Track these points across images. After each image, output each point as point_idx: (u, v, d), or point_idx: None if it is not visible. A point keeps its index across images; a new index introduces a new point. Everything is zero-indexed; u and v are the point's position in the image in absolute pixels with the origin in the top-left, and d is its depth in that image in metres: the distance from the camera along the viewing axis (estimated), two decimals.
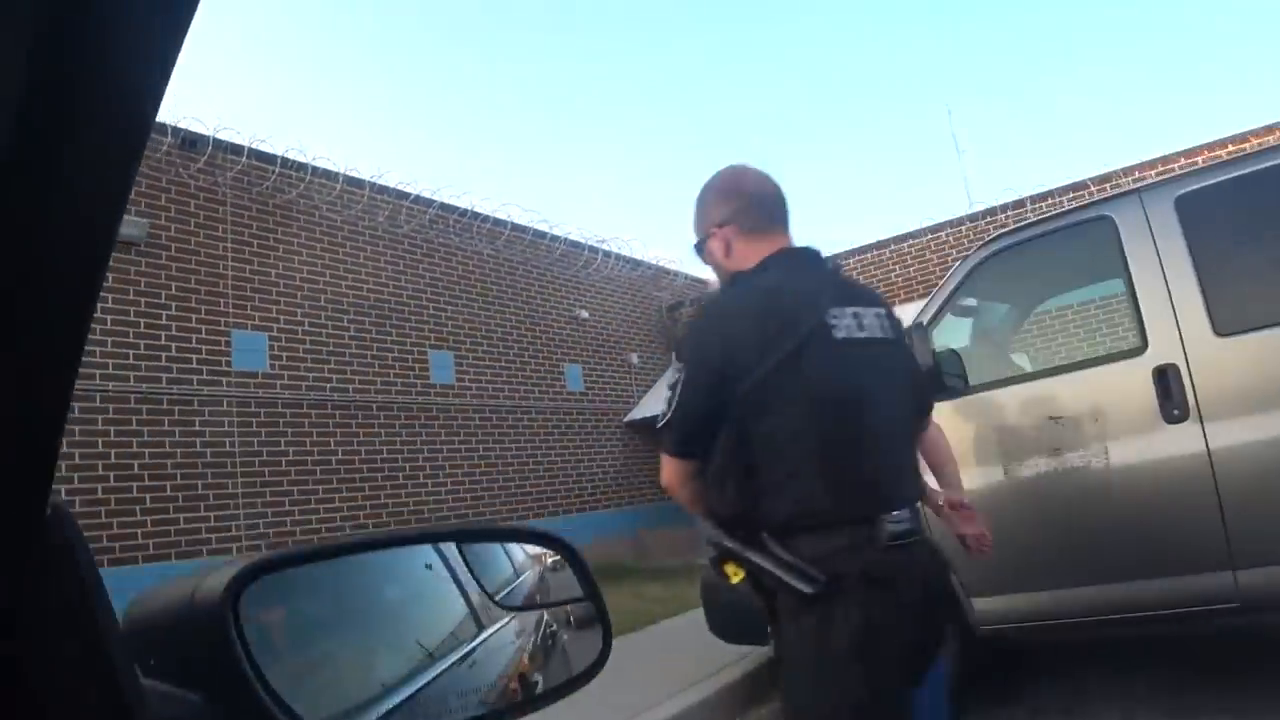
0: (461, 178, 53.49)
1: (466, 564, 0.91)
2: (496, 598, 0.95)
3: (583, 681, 0.95)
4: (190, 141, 8.79)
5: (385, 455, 10.10)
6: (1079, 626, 4.00)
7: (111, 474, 7.65)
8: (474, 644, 0.89)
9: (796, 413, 1.81)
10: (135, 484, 7.79)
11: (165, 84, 0.45)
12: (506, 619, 0.95)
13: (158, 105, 0.45)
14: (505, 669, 0.92)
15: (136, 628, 0.68)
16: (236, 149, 9.18)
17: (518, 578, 1.03)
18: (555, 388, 12.85)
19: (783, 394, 1.80)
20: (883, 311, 2.02)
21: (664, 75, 48.66)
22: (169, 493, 8.00)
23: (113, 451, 7.69)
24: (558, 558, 1.03)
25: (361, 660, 0.81)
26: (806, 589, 1.70)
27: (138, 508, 7.77)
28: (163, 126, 8.50)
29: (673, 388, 1.98)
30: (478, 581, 0.92)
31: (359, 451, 9.81)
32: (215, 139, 8.96)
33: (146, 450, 7.93)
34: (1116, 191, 4.37)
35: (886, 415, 1.93)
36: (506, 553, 1.04)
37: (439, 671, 0.83)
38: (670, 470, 2.04)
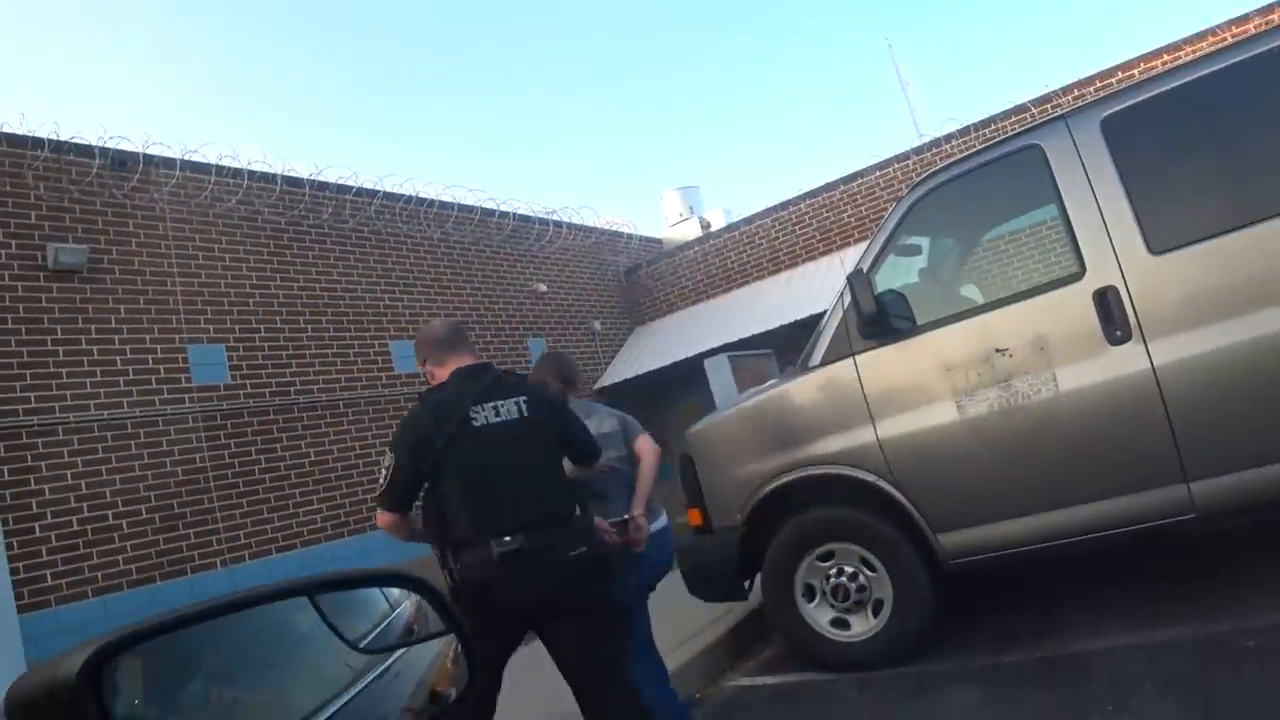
0: (402, 168, 52.91)
1: (323, 617, 0.92)
2: (366, 641, 0.96)
3: (459, 707, 0.97)
4: (120, 161, 8.60)
5: (359, 451, 10.05)
6: (1043, 552, 4.08)
7: (85, 505, 7.57)
8: (353, 686, 0.90)
9: (453, 477, 2.97)
10: (110, 511, 7.72)
11: None
12: (378, 661, 0.96)
13: None
14: (384, 706, 0.93)
15: (15, 713, 0.69)
16: (169, 163, 9.00)
17: (394, 613, 1.03)
18: (521, 363, 12.80)
19: (447, 466, 2.97)
20: (523, 399, 3.14)
21: (596, 36, 48.16)
22: (145, 515, 7.93)
23: (83, 482, 7.61)
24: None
25: (245, 718, 0.82)
26: (451, 584, 2.96)
27: (115, 534, 7.70)
28: (89, 148, 8.34)
29: (385, 469, 3.11)
30: (336, 632, 0.93)
31: (331, 451, 9.76)
32: (146, 155, 8.78)
33: (117, 477, 7.84)
34: (1042, 119, 4.38)
35: (509, 473, 2.99)
36: (382, 592, 1.05)
37: (324, 717, 0.84)
38: (386, 520, 3.19)
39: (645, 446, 3.98)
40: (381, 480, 3.12)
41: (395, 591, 1.05)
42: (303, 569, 8.93)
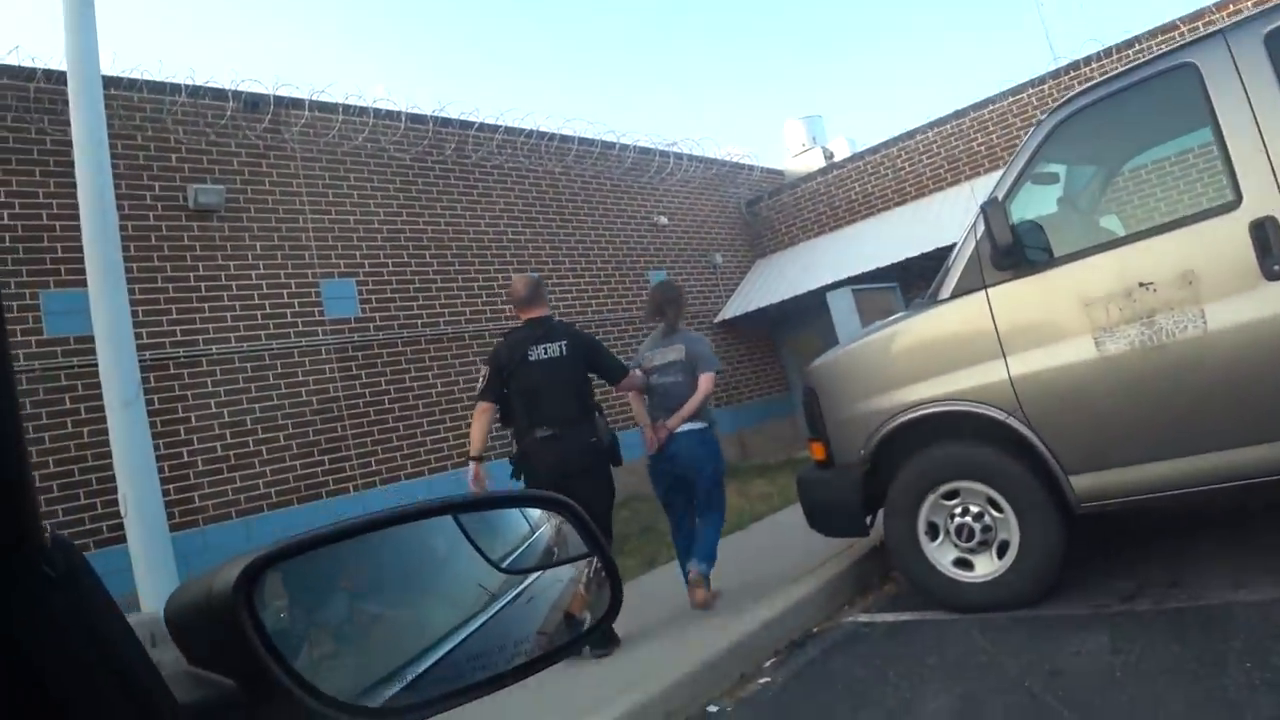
0: (520, 101, 53.14)
1: (467, 535, 0.94)
2: (507, 561, 0.98)
3: (592, 634, 0.98)
4: (252, 103, 8.90)
5: None
6: (1180, 499, 3.90)
7: (228, 432, 8.00)
8: (490, 607, 0.92)
9: (516, 390, 4.80)
10: (250, 438, 8.14)
11: None
12: (513, 584, 0.97)
13: None
14: (519, 629, 0.95)
15: (172, 622, 0.73)
16: (298, 103, 9.26)
17: (534, 535, 1.05)
18: (643, 297, 12.86)
19: (512, 383, 4.82)
20: (565, 342, 4.89)
21: None
22: (282, 443, 8.34)
23: (225, 410, 8.03)
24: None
25: (384, 634, 0.84)
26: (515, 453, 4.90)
27: (255, 460, 8.13)
28: (224, 92, 8.65)
29: (482, 376, 4.98)
30: (480, 550, 0.94)
31: (457, 382, 10.03)
32: (276, 97, 9.05)
33: (256, 405, 8.26)
34: (1200, 35, 4.07)
35: (548, 391, 4.75)
36: (524, 514, 1.07)
37: (461, 637, 0.86)
38: (481, 407, 4.91)
39: (702, 381, 5.20)
40: (480, 383, 5.00)
41: (535, 513, 1.07)
42: (429, 494, 9.26)
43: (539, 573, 1.00)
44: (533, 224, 11.59)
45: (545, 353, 4.81)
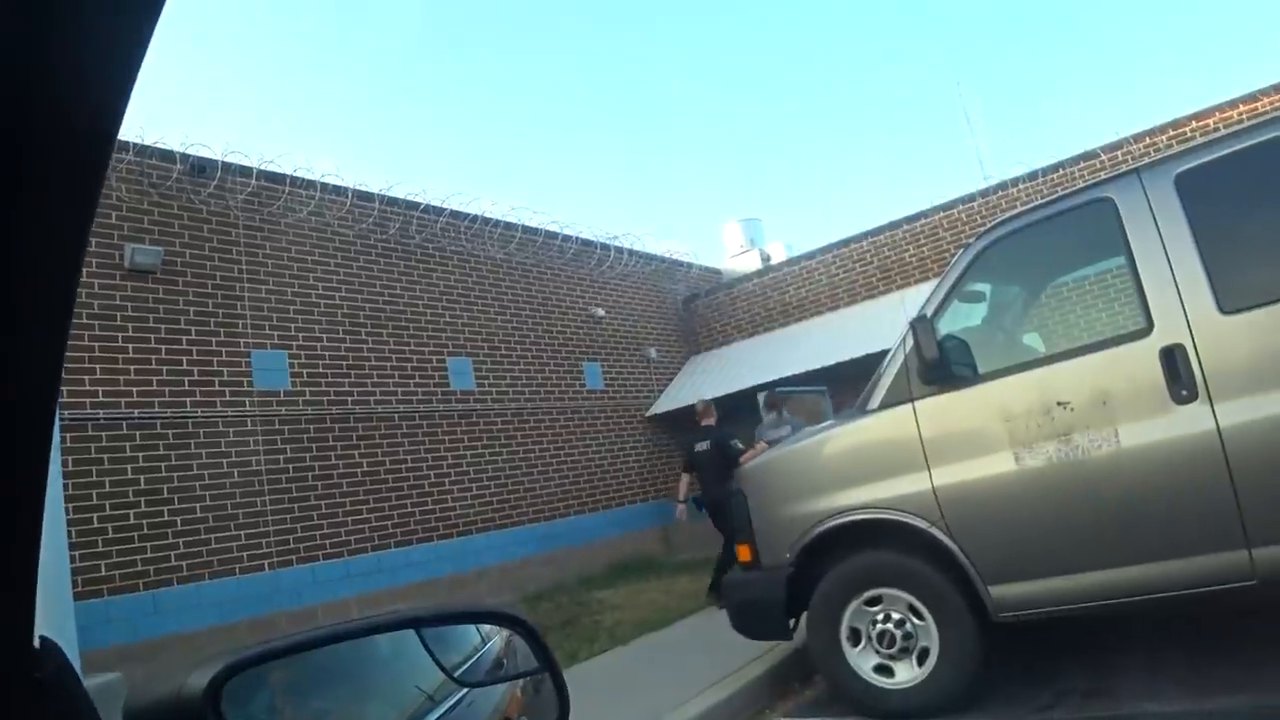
0: (470, 185, 53.65)
1: (425, 646, 0.96)
2: (462, 671, 1.00)
3: None
4: (200, 167, 8.89)
5: (410, 464, 10.19)
6: (1095, 610, 4.01)
7: (142, 499, 7.77)
8: (454, 716, 0.94)
9: (694, 470, 9.04)
10: (166, 508, 7.92)
11: (126, 99, 0.48)
12: (487, 691, 1.00)
13: (119, 120, 0.49)
14: None
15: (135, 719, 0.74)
16: (246, 171, 9.27)
17: (485, 647, 1.07)
18: (575, 387, 12.91)
19: (692, 461, 9.00)
20: (710, 440, 8.64)
21: (663, 71, 48.56)
22: (199, 514, 8.12)
23: (142, 478, 7.82)
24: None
25: None
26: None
27: (169, 531, 7.89)
28: (171, 154, 8.62)
29: (682, 457, 9.67)
30: (437, 661, 0.97)
31: (384, 462, 9.91)
32: (224, 163, 9.06)
33: (175, 474, 8.05)
34: (1120, 170, 4.34)
35: (705, 470, 8.53)
36: (476, 627, 1.09)
37: None
38: (684, 476, 9.34)
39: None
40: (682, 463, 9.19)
41: (487, 626, 1.09)
42: (348, 576, 9.06)
43: (483, 688, 1.03)
44: (471, 308, 11.63)
45: (704, 446, 8.66)
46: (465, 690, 0.97)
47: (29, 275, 0.50)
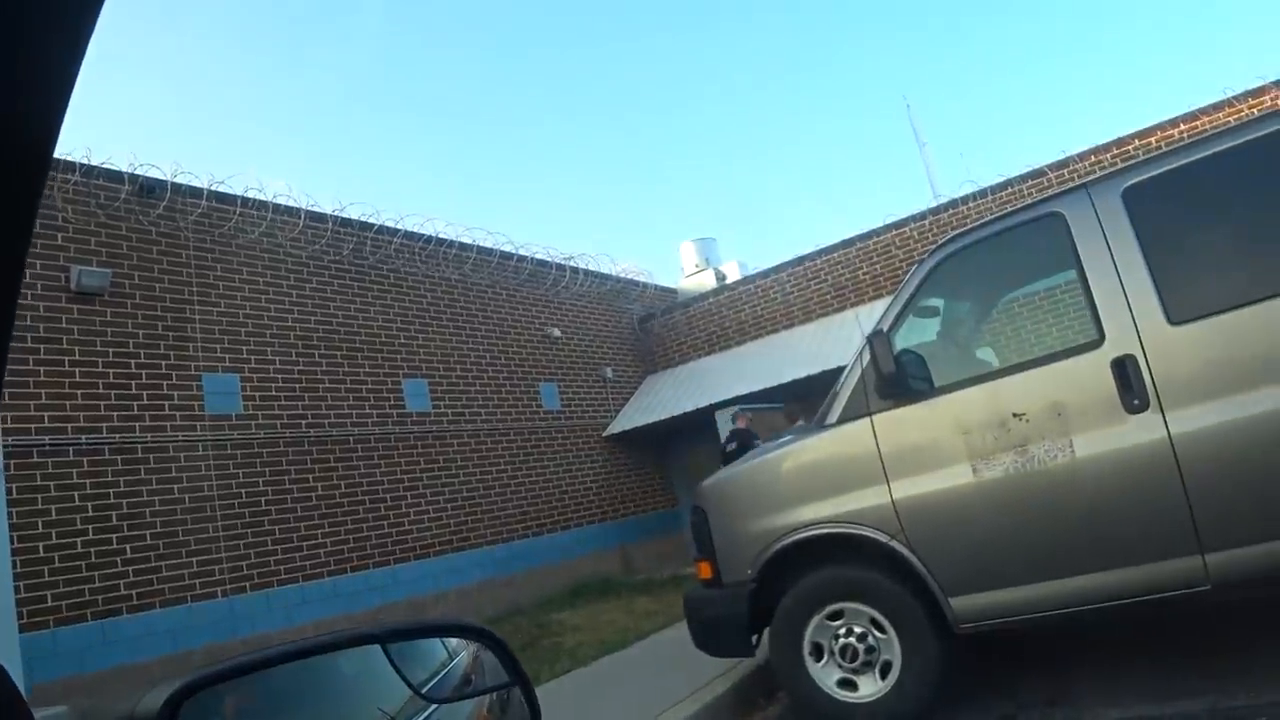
0: (425, 206, 53.46)
1: (392, 663, 0.93)
2: (430, 687, 0.97)
3: None
4: (148, 188, 8.74)
5: (365, 487, 10.06)
6: (1055, 619, 4.05)
7: (90, 527, 7.59)
8: None
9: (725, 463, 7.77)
10: (115, 535, 7.73)
11: (63, 111, 0.46)
12: (454, 707, 0.97)
13: (56, 131, 0.46)
14: None
15: None
16: (196, 192, 9.14)
17: (453, 662, 1.05)
18: (532, 407, 12.85)
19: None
20: (737, 440, 9.98)
21: (618, 92, 48.81)
22: (149, 541, 7.94)
23: (90, 505, 7.63)
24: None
25: None
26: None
27: (118, 559, 7.71)
28: (119, 174, 8.47)
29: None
30: (405, 678, 0.94)
31: (339, 486, 9.77)
32: (174, 184, 8.92)
33: (124, 501, 7.87)
34: (1068, 186, 4.42)
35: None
36: (443, 641, 1.06)
37: None
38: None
39: None
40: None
41: (453, 641, 1.06)
42: (305, 602, 8.90)
43: (451, 704, 1.00)
44: (426, 329, 11.55)
45: (731, 447, 9.76)
46: (433, 707, 0.94)
47: None
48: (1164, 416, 3.80)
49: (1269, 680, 3.70)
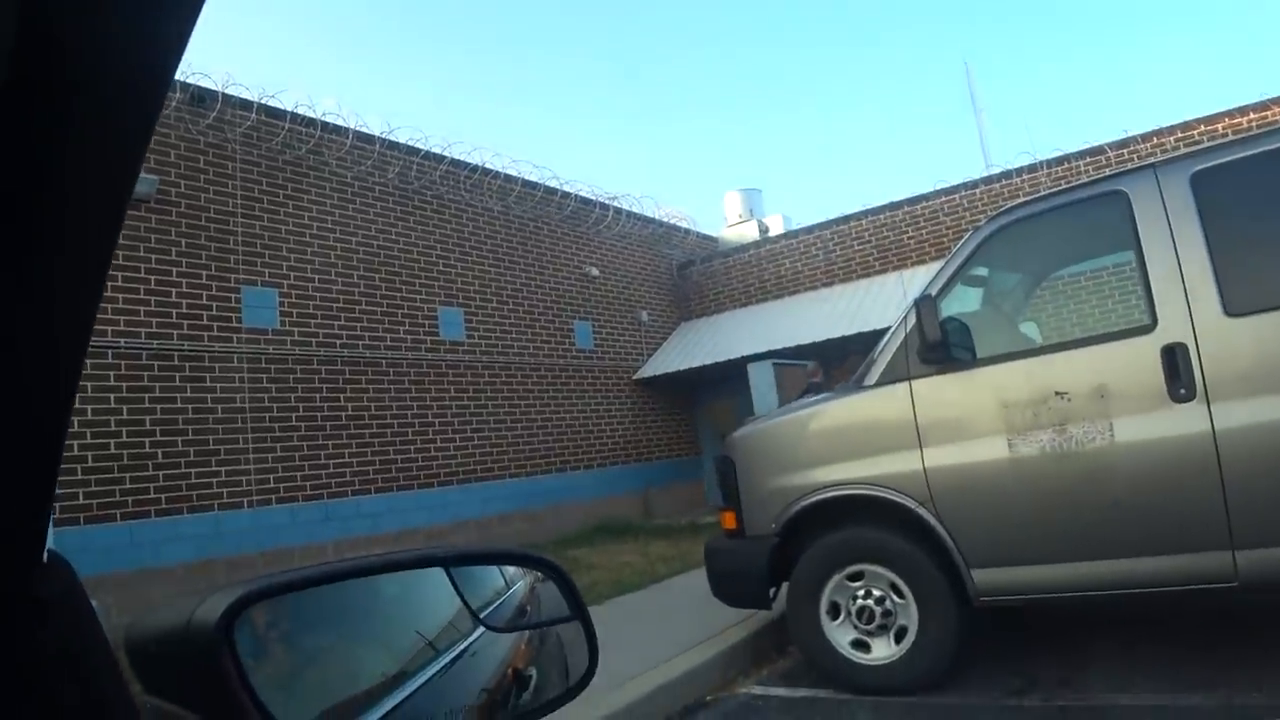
0: (471, 133, 53.20)
1: (455, 586, 0.93)
2: (485, 615, 0.97)
3: (566, 699, 0.98)
4: (199, 97, 8.74)
5: (395, 411, 10.15)
6: (1075, 600, 4.03)
7: (124, 429, 7.71)
8: (463, 662, 0.91)
9: None
10: (147, 439, 7.86)
11: (183, 46, 0.45)
12: (496, 637, 0.96)
13: (174, 66, 0.45)
14: (492, 685, 0.94)
15: (137, 648, 0.70)
16: (246, 104, 9.13)
17: (509, 592, 1.04)
18: (565, 345, 12.87)
19: None
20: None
21: (673, 38, 48.05)
22: (180, 448, 8.07)
23: (125, 407, 7.75)
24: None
25: (357, 681, 0.83)
26: None
27: (150, 463, 7.84)
28: (171, 82, 8.45)
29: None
30: (466, 603, 0.93)
31: (369, 408, 9.86)
32: (225, 95, 8.91)
33: (159, 406, 7.99)
34: (1132, 166, 4.30)
35: None
36: (500, 570, 1.06)
37: (429, 689, 0.85)
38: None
39: None
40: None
41: (511, 570, 1.06)
42: (328, 519, 9.04)
43: (507, 633, 1.00)
44: (465, 258, 11.54)
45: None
46: (478, 633, 0.94)
47: (80, 199, 0.46)
48: (1209, 409, 3.73)
49: None
